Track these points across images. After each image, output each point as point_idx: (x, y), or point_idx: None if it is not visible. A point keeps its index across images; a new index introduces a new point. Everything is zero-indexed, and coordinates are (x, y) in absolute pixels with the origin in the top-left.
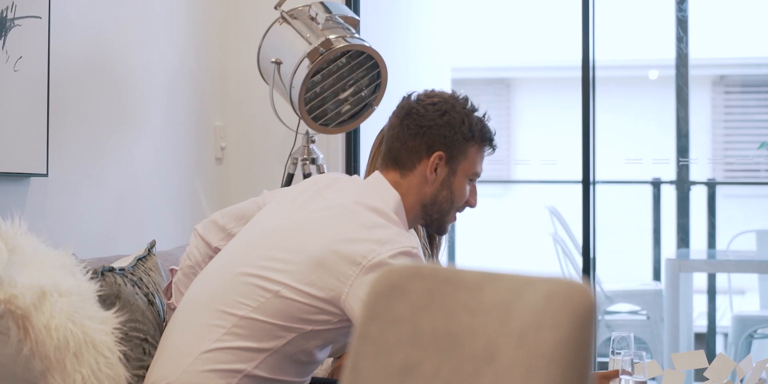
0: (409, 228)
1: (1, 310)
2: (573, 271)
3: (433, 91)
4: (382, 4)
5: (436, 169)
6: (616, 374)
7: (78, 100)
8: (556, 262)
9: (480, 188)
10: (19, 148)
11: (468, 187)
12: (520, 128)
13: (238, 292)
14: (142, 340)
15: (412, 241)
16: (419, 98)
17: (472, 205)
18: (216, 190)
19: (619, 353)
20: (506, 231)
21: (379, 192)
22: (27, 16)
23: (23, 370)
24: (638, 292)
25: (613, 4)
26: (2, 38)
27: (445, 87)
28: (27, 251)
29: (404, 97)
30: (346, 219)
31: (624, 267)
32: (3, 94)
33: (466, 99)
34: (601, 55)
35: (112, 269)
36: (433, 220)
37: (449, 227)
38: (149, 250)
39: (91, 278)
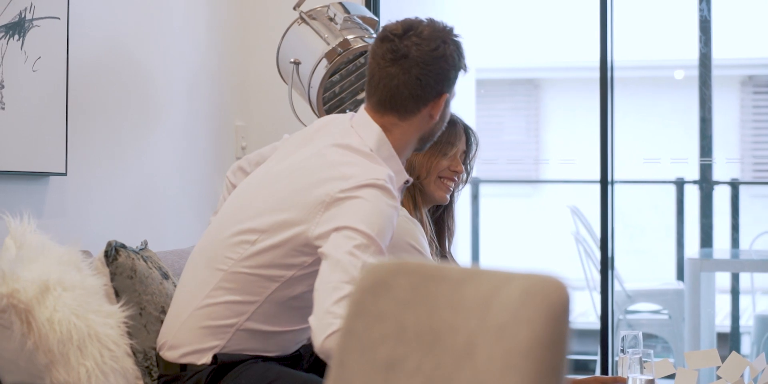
0: (406, 158)
1: (4, 304)
2: (595, 270)
3: (408, 22)
4: (404, 4)
5: (441, 109)
6: (613, 381)
7: (97, 100)
8: (578, 262)
9: (508, 188)
10: (38, 147)
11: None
12: (549, 129)
13: (226, 248)
14: (159, 312)
15: (380, 173)
16: (413, 40)
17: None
18: None
19: (628, 352)
20: (534, 231)
21: (358, 130)
22: (45, 17)
23: (27, 363)
24: (660, 291)
25: (635, 4)
26: (21, 39)
27: (469, 88)
28: (34, 248)
29: (387, 37)
30: (317, 161)
31: (648, 266)
32: (22, 94)
33: (444, 26)
34: (624, 56)
35: (123, 246)
36: (424, 146)
37: None
38: (144, 246)
39: (105, 254)
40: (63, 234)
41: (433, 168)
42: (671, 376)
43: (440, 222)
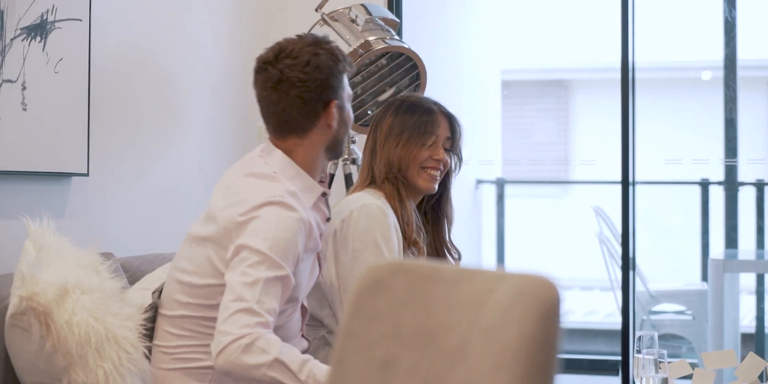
0: (321, 170)
1: (23, 306)
2: (619, 271)
3: (284, 44)
4: (428, 5)
5: (334, 116)
6: None
7: (119, 101)
8: (602, 262)
9: (538, 189)
10: (60, 148)
11: (350, 109)
12: (578, 130)
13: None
14: None
15: (276, 189)
16: (285, 62)
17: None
18: None
19: (642, 352)
20: (560, 231)
21: (264, 158)
22: (67, 19)
23: (46, 365)
24: (683, 292)
25: (660, 6)
26: (43, 40)
27: (496, 89)
28: (53, 250)
29: (262, 67)
30: (225, 194)
31: (674, 267)
32: (44, 96)
33: (314, 38)
34: (649, 57)
35: None
36: (337, 152)
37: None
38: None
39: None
40: (85, 234)
41: (412, 160)
42: (690, 377)
43: (437, 210)
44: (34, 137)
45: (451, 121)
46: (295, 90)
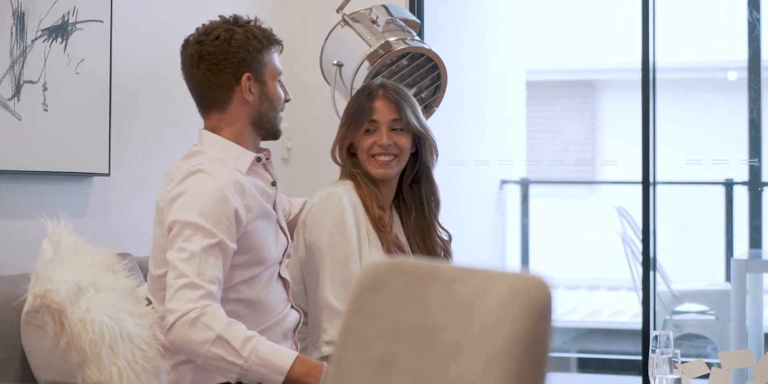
0: (252, 145)
1: (37, 304)
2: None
3: (202, 27)
4: (452, 6)
5: (250, 90)
6: None
7: (140, 102)
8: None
9: (563, 189)
10: (82, 148)
11: (280, 87)
12: (606, 130)
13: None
14: None
15: (198, 160)
16: (198, 40)
17: (288, 99)
18: (282, 190)
19: (656, 351)
20: (590, 231)
21: (197, 145)
22: (89, 20)
23: (61, 362)
24: (706, 292)
25: (683, 7)
26: (64, 42)
27: (520, 89)
28: (69, 249)
29: (183, 47)
30: (165, 180)
31: (698, 268)
32: (65, 96)
33: (235, 17)
34: (673, 58)
35: None
36: (267, 130)
37: (280, 130)
38: None
39: None
40: (105, 234)
41: (359, 148)
42: (708, 377)
43: (419, 194)
44: (56, 137)
45: (396, 101)
46: (204, 63)
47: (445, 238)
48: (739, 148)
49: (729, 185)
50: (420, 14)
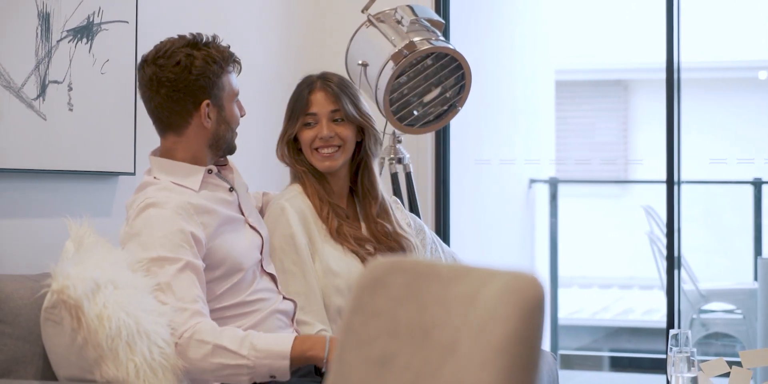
0: (209, 162)
1: (54, 299)
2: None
3: (162, 45)
4: (480, 6)
5: (209, 115)
6: None
7: None
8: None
9: (596, 188)
10: (107, 147)
11: (236, 107)
12: (638, 129)
13: None
14: None
15: (143, 195)
16: (157, 63)
17: (243, 116)
18: None
19: (673, 350)
20: (622, 230)
21: (151, 171)
22: (114, 21)
23: (78, 358)
24: (733, 291)
25: (709, 6)
26: (89, 42)
27: (550, 89)
28: (90, 248)
29: (141, 66)
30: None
31: (727, 266)
32: (91, 96)
33: (194, 38)
34: (699, 57)
35: None
36: (222, 149)
37: (235, 145)
38: None
39: None
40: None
41: (303, 143)
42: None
43: (359, 187)
44: (81, 137)
45: (334, 92)
46: (164, 89)
47: (397, 229)
48: (763, 148)
49: (758, 184)
50: (446, 14)
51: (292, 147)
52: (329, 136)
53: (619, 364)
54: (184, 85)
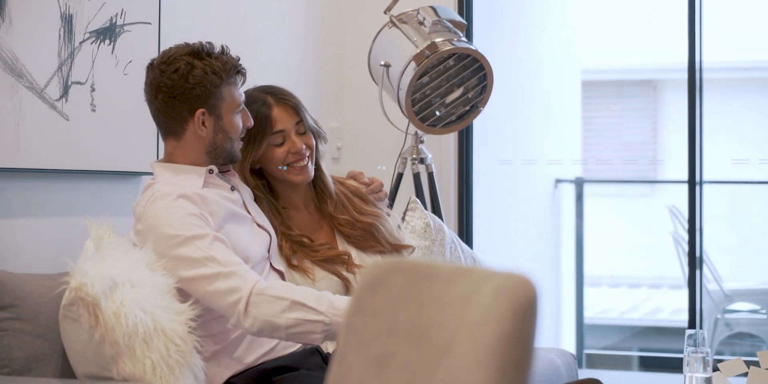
0: (209, 170)
1: (72, 296)
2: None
3: (168, 50)
4: (504, 6)
5: (204, 124)
6: None
7: None
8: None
9: (623, 188)
10: (129, 148)
11: (238, 118)
12: (668, 129)
13: None
14: None
15: (148, 193)
16: (160, 68)
17: (249, 126)
18: None
19: (688, 350)
20: (650, 230)
21: (155, 177)
22: (137, 23)
23: (95, 355)
24: (758, 291)
25: (732, 5)
26: (112, 43)
27: (576, 89)
28: (109, 247)
29: (147, 69)
30: None
31: (753, 267)
32: (113, 97)
33: (200, 47)
34: (730, 57)
35: None
36: (222, 158)
37: (240, 154)
38: None
39: None
40: None
41: (270, 163)
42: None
43: (316, 189)
44: (103, 137)
45: (293, 105)
46: (161, 95)
47: (356, 216)
48: None
49: None
50: (469, 14)
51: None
52: (305, 149)
53: (649, 364)
54: (180, 93)
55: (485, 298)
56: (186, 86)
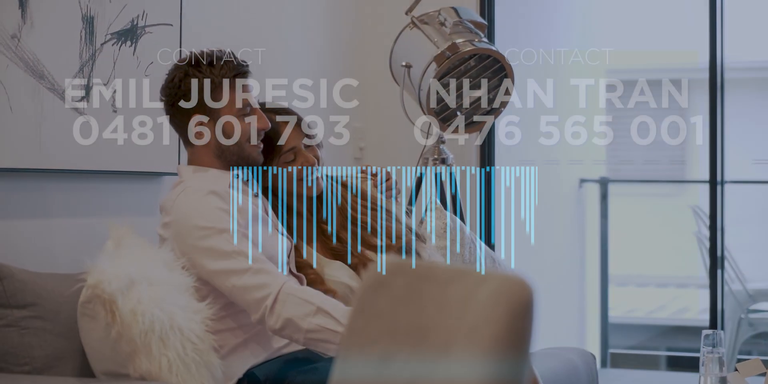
0: (230, 167)
1: (89, 293)
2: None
3: (178, 60)
4: (527, 7)
5: (201, 132)
6: None
7: None
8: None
9: (649, 188)
10: (151, 148)
11: (242, 120)
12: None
13: None
14: None
15: (177, 190)
16: (164, 79)
17: (263, 128)
18: None
19: (704, 350)
20: (677, 229)
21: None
22: (158, 24)
23: (112, 352)
24: None
25: (753, 4)
26: (133, 45)
27: (601, 88)
28: (128, 247)
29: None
30: None
31: None
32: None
33: (199, 55)
34: (752, 57)
35: None
36: (235, 161)
37: (260, 155)
38: None
39: None
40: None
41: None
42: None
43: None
44: (125, 138)
45: (296, 121)
46: (166, 106)
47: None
48: None
49: None
50: (490, 15)
51: None
52: (315, 162)
53: (676, 364)
54: (174, 101)
55: (482, 300)
56: (179, 94)
